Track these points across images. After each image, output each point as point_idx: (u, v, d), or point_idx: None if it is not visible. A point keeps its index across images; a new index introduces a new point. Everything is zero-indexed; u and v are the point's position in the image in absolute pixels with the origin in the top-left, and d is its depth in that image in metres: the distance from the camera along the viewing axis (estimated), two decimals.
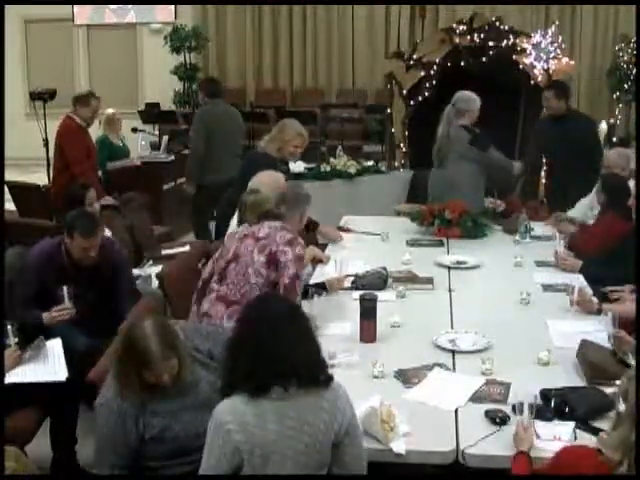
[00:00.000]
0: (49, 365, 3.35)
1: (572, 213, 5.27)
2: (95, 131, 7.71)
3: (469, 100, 5.42)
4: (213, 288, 3.65)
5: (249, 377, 2.25)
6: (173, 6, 12.40)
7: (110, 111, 7.60)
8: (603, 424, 2.53)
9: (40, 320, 3.71)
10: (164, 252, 5.59)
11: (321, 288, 3.92)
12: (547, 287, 4.05)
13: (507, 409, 2.68)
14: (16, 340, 3.30)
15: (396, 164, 7.87)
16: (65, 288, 3.69)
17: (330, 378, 2.35)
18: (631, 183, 4.47)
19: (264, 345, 2.25)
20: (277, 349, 2.25)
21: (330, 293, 3.93)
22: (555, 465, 2.18)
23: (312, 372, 2.30)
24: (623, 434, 2.04)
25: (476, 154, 5.32)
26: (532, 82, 7.40)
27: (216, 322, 3.56)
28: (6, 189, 6.48)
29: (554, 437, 2.51)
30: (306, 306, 3.72)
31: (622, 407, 2.10)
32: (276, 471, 2.23)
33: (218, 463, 2.22)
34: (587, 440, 2.44)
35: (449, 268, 4.39)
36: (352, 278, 4.09)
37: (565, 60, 7.60)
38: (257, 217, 3.78)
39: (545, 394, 2.73)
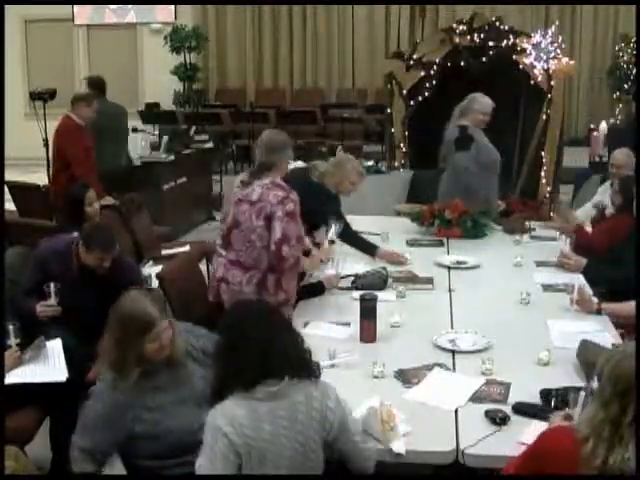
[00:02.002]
0: (49, 366, 3.34)
1: (578, 213, 5.28)
2: None
3: (472, 100, 5.44)
4: (220, 253, 3.75)
5: (240, 374, 2.25)
6: (173, 6, 12.40)
7: None
8: None
9: (34, 311, 3.67)
10: (164, 252, 5.59)
11: (319, 287, 3.93)
12: (547, 287, 4.05)
13: (507, 409, 2.68)
14: (17, 341, 3.29)
15: (396, 164, 7.88)
16: (52, 285, 3.65)
17: (318, 371, 2.38)
18: None
19: (251, 344, 2.26)
20: (264, 346, 2.26)
21: (328, 290, 3.94)
22: (538, 445, 2.19)
23: (301, 366, 2.32)
24: (592, 411, 2.08)
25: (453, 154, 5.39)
26: (532, 82, 7.41)
27: (235, 287, 3.64)
28: (6, 189, 6.48)
29: None
30: (306, 305, 3.74)
31: (595, 385, 2.13)
32: (273, 472, 2.23)
33: (220, 465, 2.22)
34: None
35: (449, 268, 4.39)
36: (352, 278, 4.09)
37: (565, 60, 7.60)
38: (250, 174, 3.78)
39: (545, 394, 2.73)
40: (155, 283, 4.44)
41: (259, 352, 2.26)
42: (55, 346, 3.44)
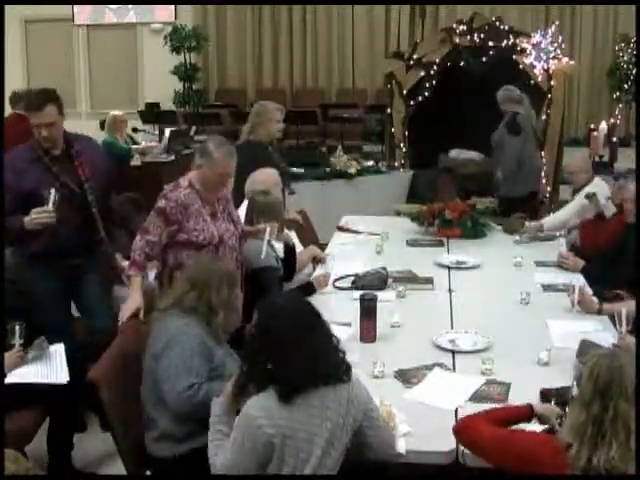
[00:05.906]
0: (52, 367, 3.35)
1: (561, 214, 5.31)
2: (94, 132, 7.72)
3: None
4: None
5: (285, 378, 2.27)
6: (173, 6, 12.38)
7: (118, 113, 7.61)
8: None
9: (22, 225, 3.53)
10: None
11: (309, 288, 3.93)
12: (547, 287, 4.06)
13: None
14: (21, 341, 3.28)
15: (396, 164, 7.88)
16: (53, 191, 3.49)
17: (349, 374, 2.38)
18: (631, 186, 4.46)
19: (302, 347, 2.30)
20: (313, 352, 2.32)
21: (318, 291, 3.94)
22: (513, 453, 2.19)
23: (339, 370, 2.35)
24: (574, 415, 2.09)
25: None
26: (532, 82, 7.41)
27: None
28: None
29: None
30: None
31: (575, 391, 2.15)
32: (305, 460, 2.25)
33: (246, 456, 2.26)
34: None
35: (449, 268, 4.40)
36: (352, 278, 4.09)
37: (565, 60, 7.61)
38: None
39: (545, 394, 2.73)
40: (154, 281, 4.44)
41: (311, 356, 2.30)
42: (58, 348, 3.44)
